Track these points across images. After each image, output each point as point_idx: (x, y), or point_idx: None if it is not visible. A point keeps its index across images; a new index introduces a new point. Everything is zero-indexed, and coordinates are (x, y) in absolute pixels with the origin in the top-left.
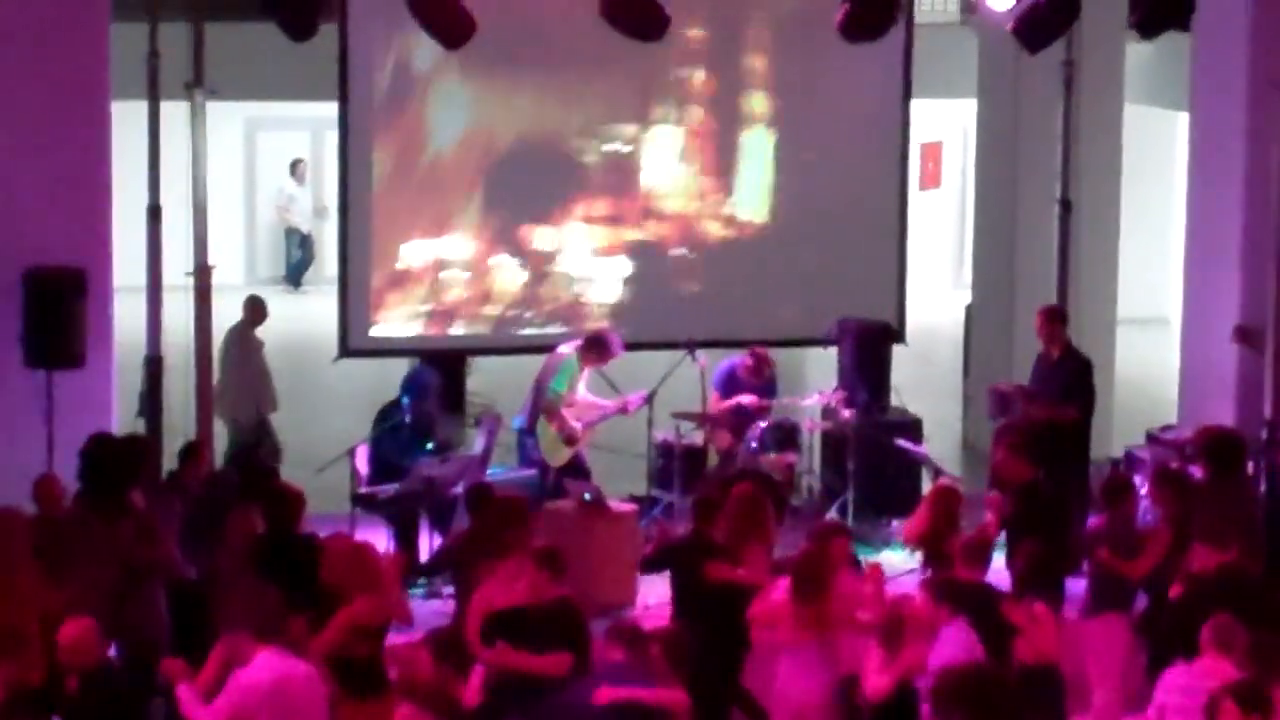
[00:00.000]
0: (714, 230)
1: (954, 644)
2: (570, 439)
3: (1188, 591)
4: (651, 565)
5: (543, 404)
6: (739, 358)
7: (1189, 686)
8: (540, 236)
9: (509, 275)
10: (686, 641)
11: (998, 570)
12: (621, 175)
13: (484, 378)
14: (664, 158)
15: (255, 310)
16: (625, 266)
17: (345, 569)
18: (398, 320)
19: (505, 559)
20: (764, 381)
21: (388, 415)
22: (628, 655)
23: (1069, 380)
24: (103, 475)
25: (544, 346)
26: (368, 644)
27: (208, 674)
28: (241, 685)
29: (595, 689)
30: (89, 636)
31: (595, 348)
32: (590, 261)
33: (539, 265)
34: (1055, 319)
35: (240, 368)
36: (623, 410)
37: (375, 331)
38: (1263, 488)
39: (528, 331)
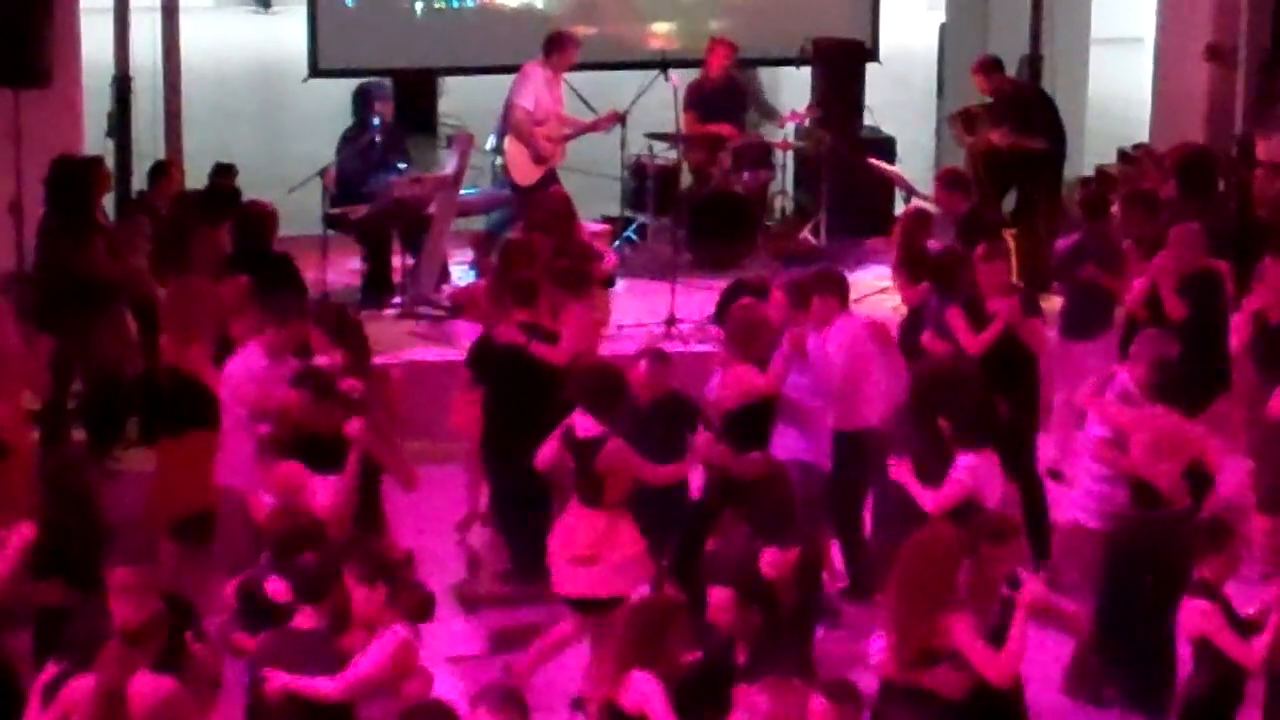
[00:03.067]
0: None
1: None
2: (539, 157)
3: None
4: None
5: (511, 121)
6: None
7: None
8: None
9: None
10: None
11: None
12: None
13: (456, 100)
14: None
15: None
16: None
17: None
18: None
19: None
20: (734, 99)
21: (356, 135)
22: None
23: (1025, 114)
24: (69, 195)
25: (514, 66)
26: None
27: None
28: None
29: None
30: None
31: (555, 47)
32: None
33: None
34: (980, 70)
35: None
36: (593, 128)
37: None
38: (1233, 205)
39: None
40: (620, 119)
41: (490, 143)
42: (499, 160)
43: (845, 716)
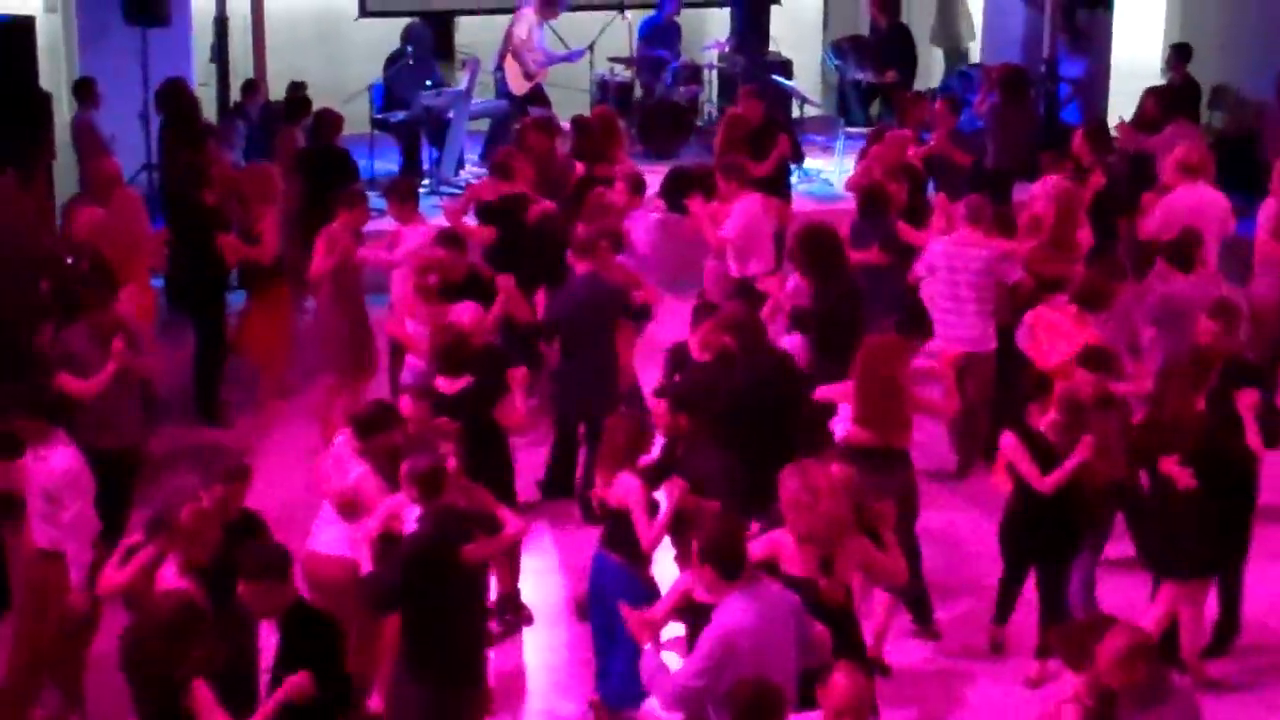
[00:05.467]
0: None
1: (746, 206)
2: (529, 75)
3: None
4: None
5: (509, 47)
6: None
7: (949, 252)
8: None
9: None
10: None
11: None
12: None
13: (471, 34)
14: None
15: None
16: None
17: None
18: None
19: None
20: (674, 32)
21: (395, 60)
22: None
23: (888, 52)
24: (179, 109)
25: (511, 9)
26: None
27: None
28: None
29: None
30: None
31: (547, 4)
32: None
33: None
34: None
35: None
36: (568, 59)
37: None
38: (1042, 109)
39: None
40: (589, 50)
41: (493, 64)
42: (500, 74)
43: (855, 476)
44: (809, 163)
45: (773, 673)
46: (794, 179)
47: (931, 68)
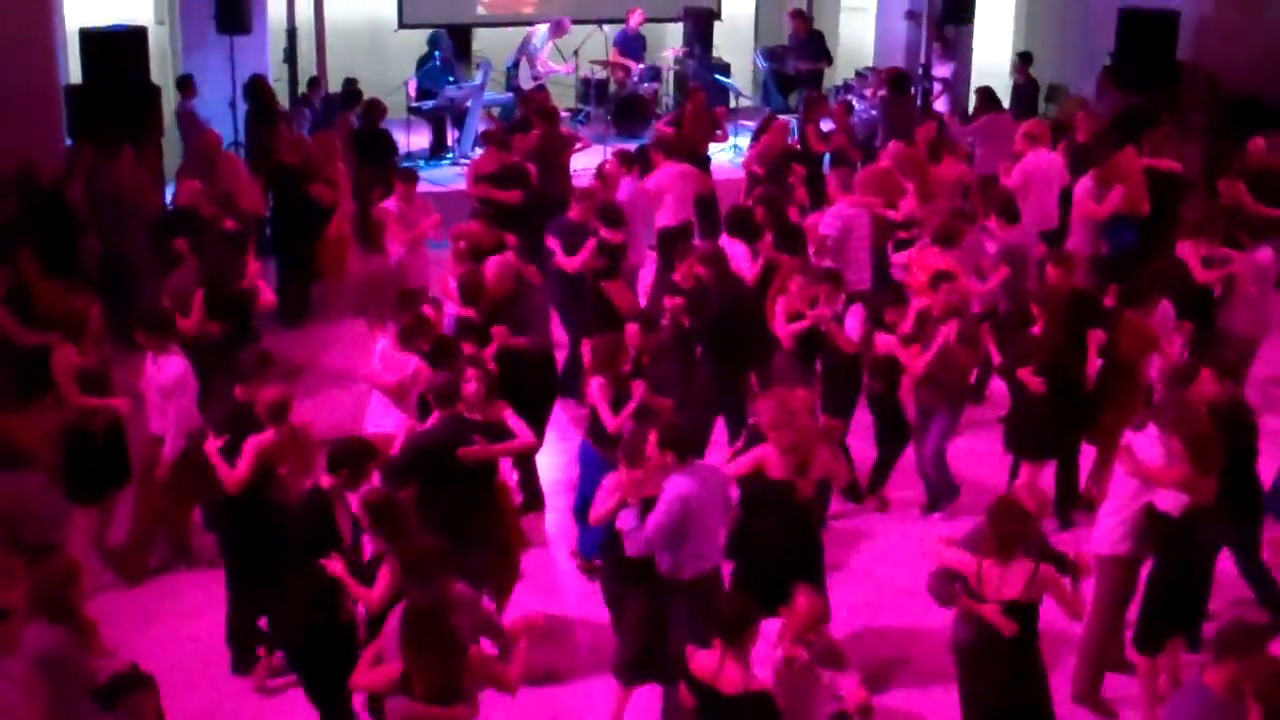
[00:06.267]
0: None
1: (668, 171)
2: (535, 77)
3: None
4: None
5: (526, 53)
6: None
7: (853, 214)
8: None
9: None
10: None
11: None
12: None
13: (484, 41)
14: None
15: None
16: None
17: None
18: None
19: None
20: (640, 41)
21: (425, 62)
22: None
23: (813, 49)
24: (260, 99)
25: (519, 22)
26: None
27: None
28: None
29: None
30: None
31: (556, 26)
32: None
33: None
34: (795, 16)
35: None
36: (565, 73)
37: None
38: (920, 102)
39: None
40: (574, 54)
41: (506, 64)
42: (514, 71)
43: (812, 396)
44: (739, 141)
45: (708, 523)
46: (730, 155)
47: (838, 65)
